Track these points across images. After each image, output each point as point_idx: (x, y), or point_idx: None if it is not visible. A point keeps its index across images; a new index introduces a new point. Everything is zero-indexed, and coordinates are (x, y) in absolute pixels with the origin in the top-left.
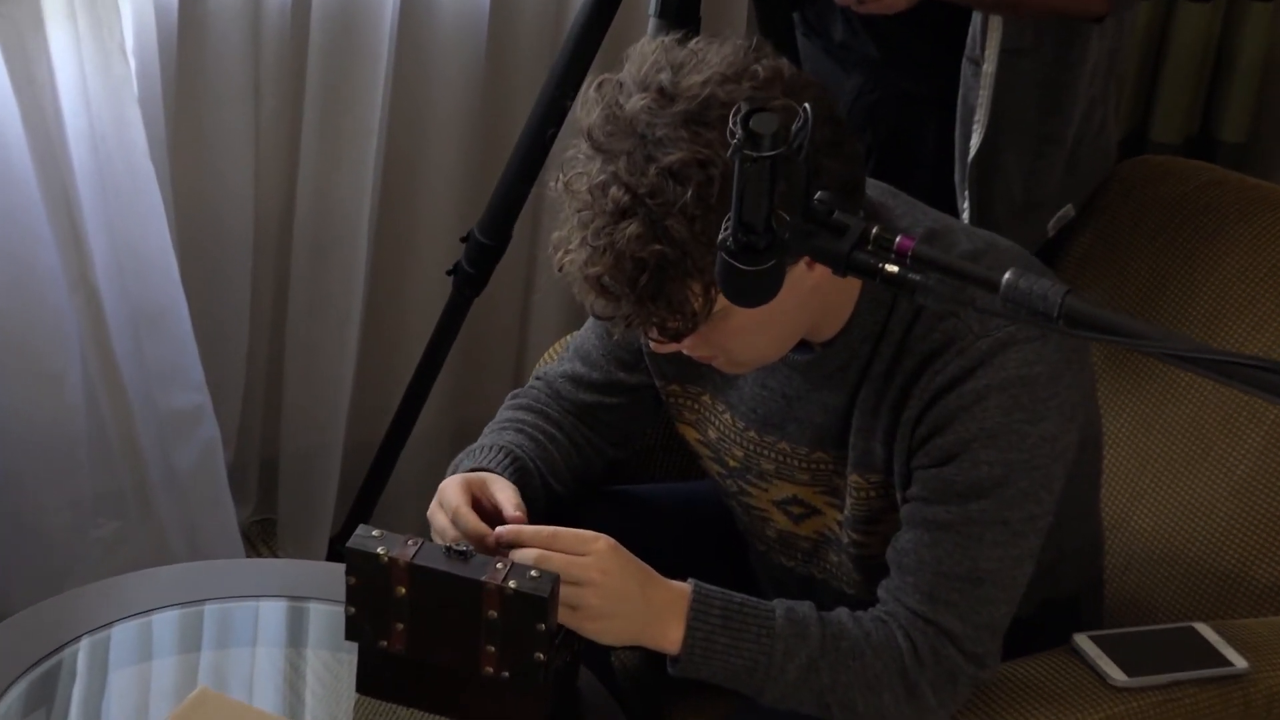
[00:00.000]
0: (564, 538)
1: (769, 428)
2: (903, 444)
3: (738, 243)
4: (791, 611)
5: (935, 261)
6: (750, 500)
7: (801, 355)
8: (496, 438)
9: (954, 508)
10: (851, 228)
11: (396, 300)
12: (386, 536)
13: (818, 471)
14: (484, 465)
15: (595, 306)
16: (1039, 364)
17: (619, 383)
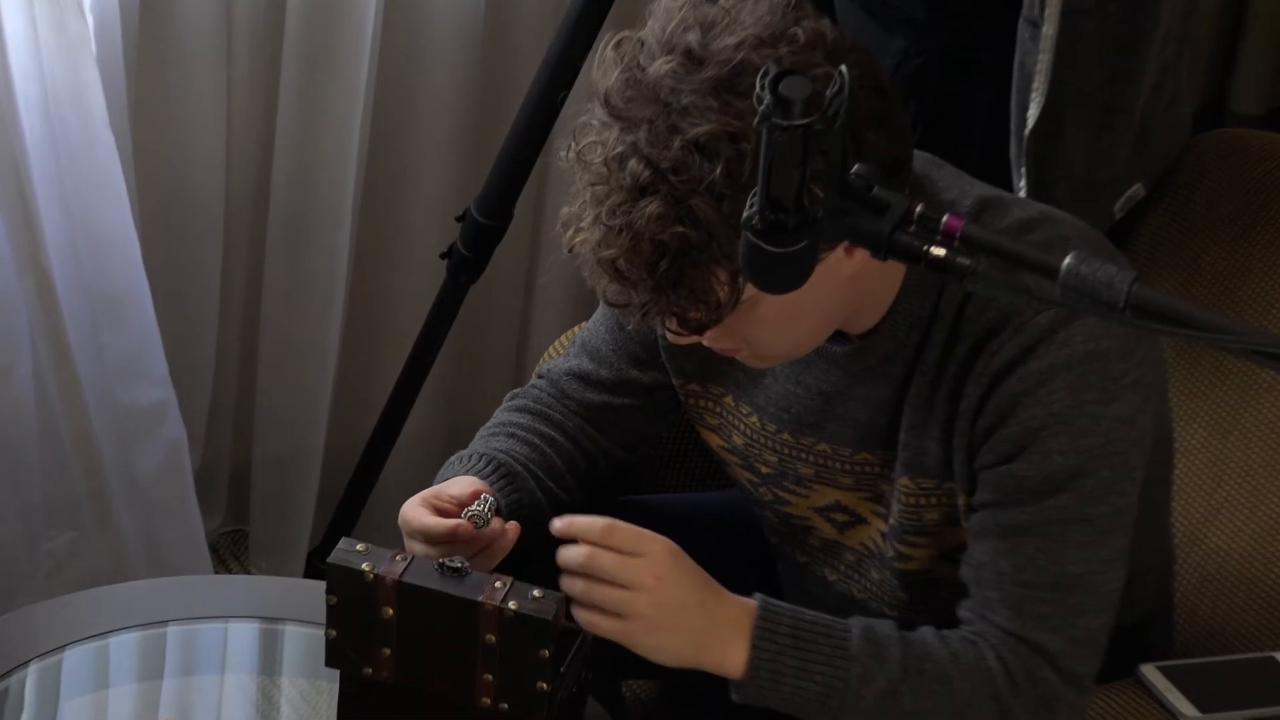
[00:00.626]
0: (621, 533)
1: (806, 428)
2: (962, 440)
3: (765, 221)
4: (869, 630)
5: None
6: (788, 509)
7: (839, 346)
8: (483, 445)
9: (1029, 508)
10: (893, 206)
11: (384, 287)
12: (372, 551)
13: (862, 475)
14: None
15: (608, 293)
16: (1107, 338)
17: (631, 381)
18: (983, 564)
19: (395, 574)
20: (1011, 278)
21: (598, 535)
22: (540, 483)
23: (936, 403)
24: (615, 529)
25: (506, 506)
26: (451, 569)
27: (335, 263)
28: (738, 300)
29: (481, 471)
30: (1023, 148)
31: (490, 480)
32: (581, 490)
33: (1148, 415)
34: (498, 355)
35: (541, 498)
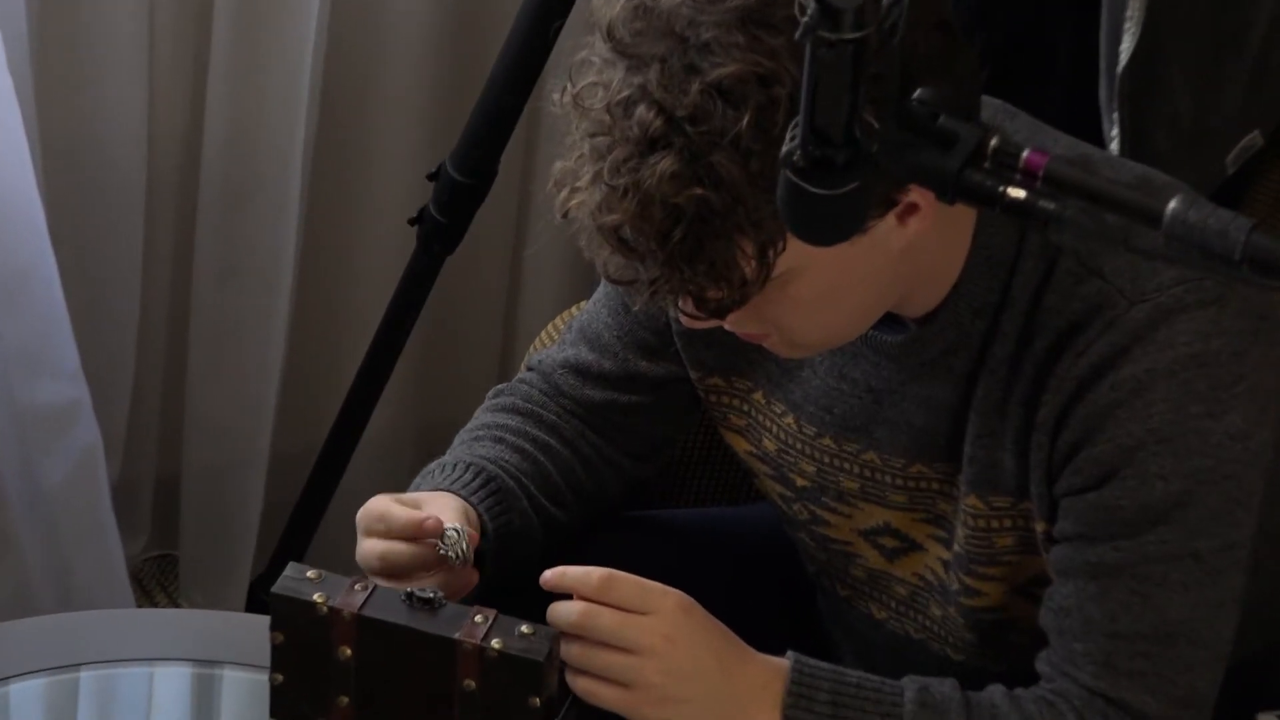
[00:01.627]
0: (622, 586)
1: (851, 433)
2: (1040, 457)
3: (808, 158)
4: (926, 693)
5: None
6: (827, 531)
7: (892, 334)
8: (466, 451)
9: (1124, 543)
10: (962, 138)
11: (341, 261)
12: (326, 579)
13: (918, 491)
14: (443, 488)
15: (610, 267)
16: (1217, 336)
17: (640, 375)
18: (1065, 609)
19: (354, 606)
20: (1105, 226)
21: (594, 589)
22: (533, 500)
23: (1009, 408)
24: (615, 581)
25: (494, 530)
26: (422, 600)
27: (281, 233)
28: (767, 277)
29: (466, 485)
30: (1115, 90)
31: (477, 497)
32: (581, 508)
33: (1266, 428)
34: (479, 343)
35: (535, 519)
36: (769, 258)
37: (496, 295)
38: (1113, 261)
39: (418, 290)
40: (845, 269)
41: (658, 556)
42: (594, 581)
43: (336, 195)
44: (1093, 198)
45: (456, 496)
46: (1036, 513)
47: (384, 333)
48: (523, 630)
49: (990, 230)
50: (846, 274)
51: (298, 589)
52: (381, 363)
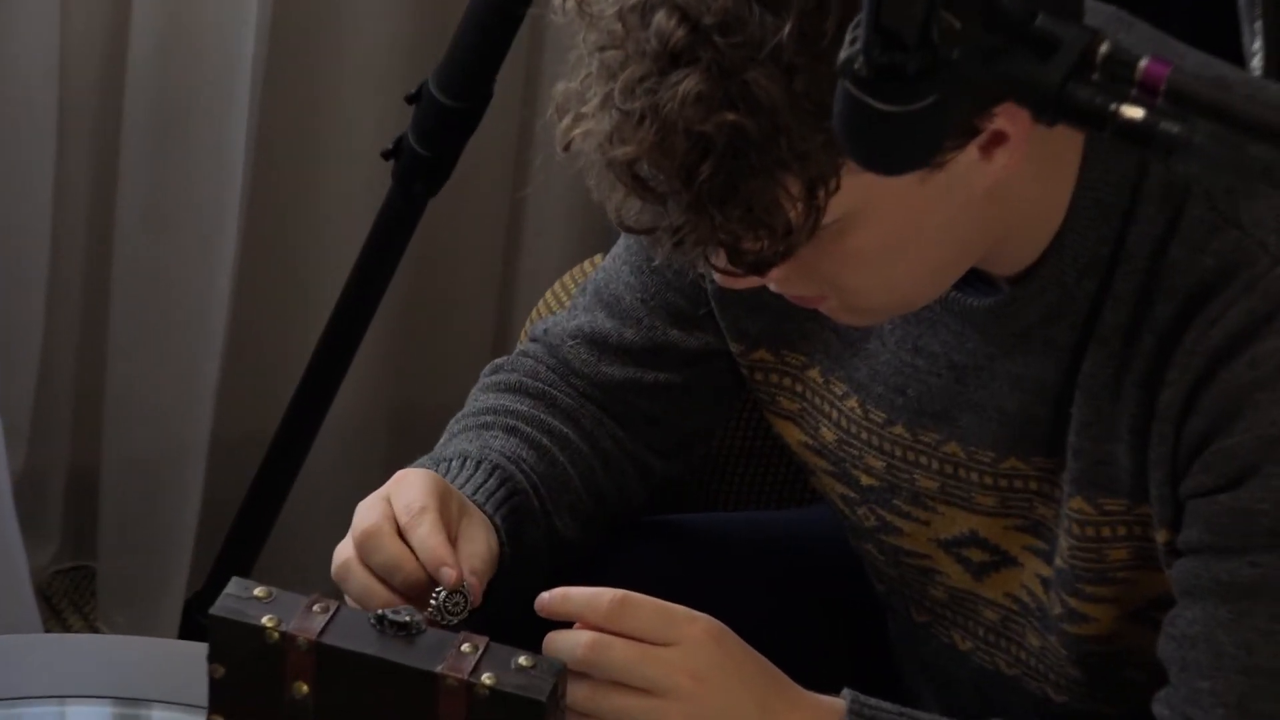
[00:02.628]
0: (640, 611)
1: (928, 419)
2: (1163, 449)
3: (873, 65)
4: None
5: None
6: (900, 541)
7: (979, 297)
8: (471, 442)
9: (1263, 558)
10: (1065, 43)
11: (299, 205)
12: (278, 598)
13: (1011, 492)
14: (466, 494)
15: (624, 212)
16: None
17: (669, 347)
18: (1190, 637)
19: (312, 631)
20: (1244, 158)
21: (605, 615)
22: (548, 516)
23: (1124, 389)
24: (631, 605)
25: (511, 554)
26: (397, 624)
27: (225, 172)
28: (817, 223)
29: (491, 495)
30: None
31: (499, 514)
32: (599, 520)
33: None
34: (469, 306)
35: (545, 541)
36: (818, 199)
37: (491, 247)
38: (1254, 207)
39: (393, 240)
40: (916, 214)
41: (688, 573)
42: (604, 606)
43: (293, 121)
44: (1228, 120)
45: (490, 528)
46: (1157, 519)
47: (352, 293)
48: (520, 662)
49: (1100, 167)
50: (918, 221)
51: (242, 610)
52: (349, 330)
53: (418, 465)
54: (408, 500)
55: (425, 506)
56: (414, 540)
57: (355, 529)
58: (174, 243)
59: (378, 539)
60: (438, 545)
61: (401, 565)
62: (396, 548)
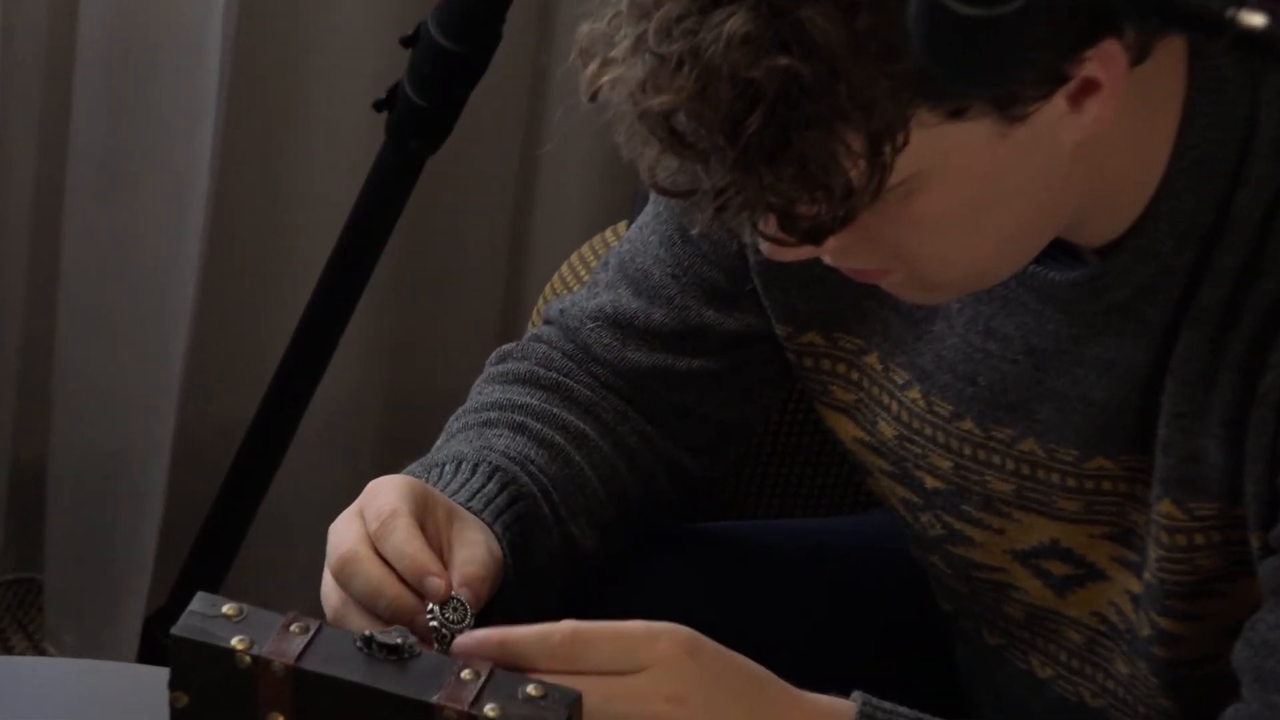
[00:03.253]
0: (594, 644)
1: (1003, 412)
2: (1263, 440)
3: None
4: None
5: None
6: (970, 552)
7: (1061, 272)
8: (470, 443)
9: None
10: None
11: (278, 163)
12: (250, 616)
13: (1098, 495)
14: (460, 501)
15: (659, 171)
16: None
17: (704, 330)
18: (1270, 644)
19: (290, 655)
20: None
21: (557, 658)
22: (562, 526)
23: (1219, 375)
24: (583, 639)
25: (516, 572)
26: (387, 647)
27: (192, 128)
28: (881, 183)
29: (492, 503)
30: None
31: (500, 523)
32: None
33: None
34: (474, 282)
35: (559, 554)
36: (884, 156)
37: (499, 214)
38: None
39: (386, 205)
40: (995, 175)
41: (724, 590)
42: (554, 646)
43: (272, 69)
44: None
45: (488, 531)
46: (1253, 521)
47: (338, 266)
48: (529, 692)
49: (1204, 121)
50: (997, 182)
51: (210, 630)
52: (334, 309)
53: (406, 473)
54: (377, 508)
55: (396, 510)
56: (387, 551)
57: (330, 556)
58: (133, 209)
59: (354, 564)
60: (416, 552)
61: (383, 590)
62: (375, 571)
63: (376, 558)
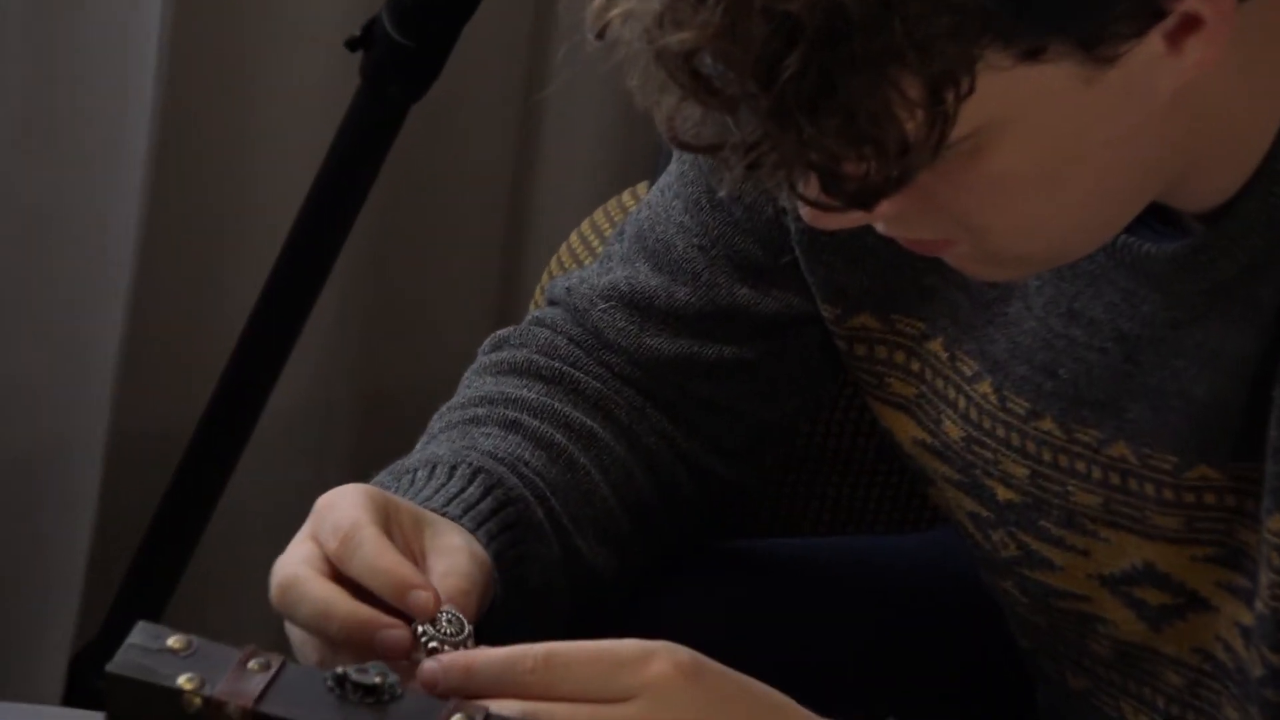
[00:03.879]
0: (575, 667)
1: (1087, 410)
2: None
3: None
4: None
5: None
6: (1050, 577)
7: (1158, 243)
8: (452, 443)
9: None
10: None
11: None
12: (200, 650)
13: (1201, 510)
14: (433, 508)
15: (680, 124)
16: None
17: (737, 311)
18: None
19: (248, 696)
20: None
21: (530, 684)
22: (564, 536)
23: None
24: (560, 662)
25: (508, 590)
26: (362, 687)
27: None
28: (943, 138)
29: (475, 509)
30: None
31: (484, 532)
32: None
33: None
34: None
35: (562, 569)
36: (945, 104)
37: (494, 175)
38: None
39: (361, 162)
40: (1079, 128)
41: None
42: (528, 670)
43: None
44: None
45: (468, 535)
46: None
47: (303, 235)
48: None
49: None
50: (1081, 137)
51: (152, 667)
52: (299, 287)
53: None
54: (333, 524)
55: (356, 521)
56: (356, 569)
57: (271, 590)
58: (58, 170)
59: (295, 588)
60: (392, 565)
61: (331, 610)
62: (319, 590)
63: (320, 576)
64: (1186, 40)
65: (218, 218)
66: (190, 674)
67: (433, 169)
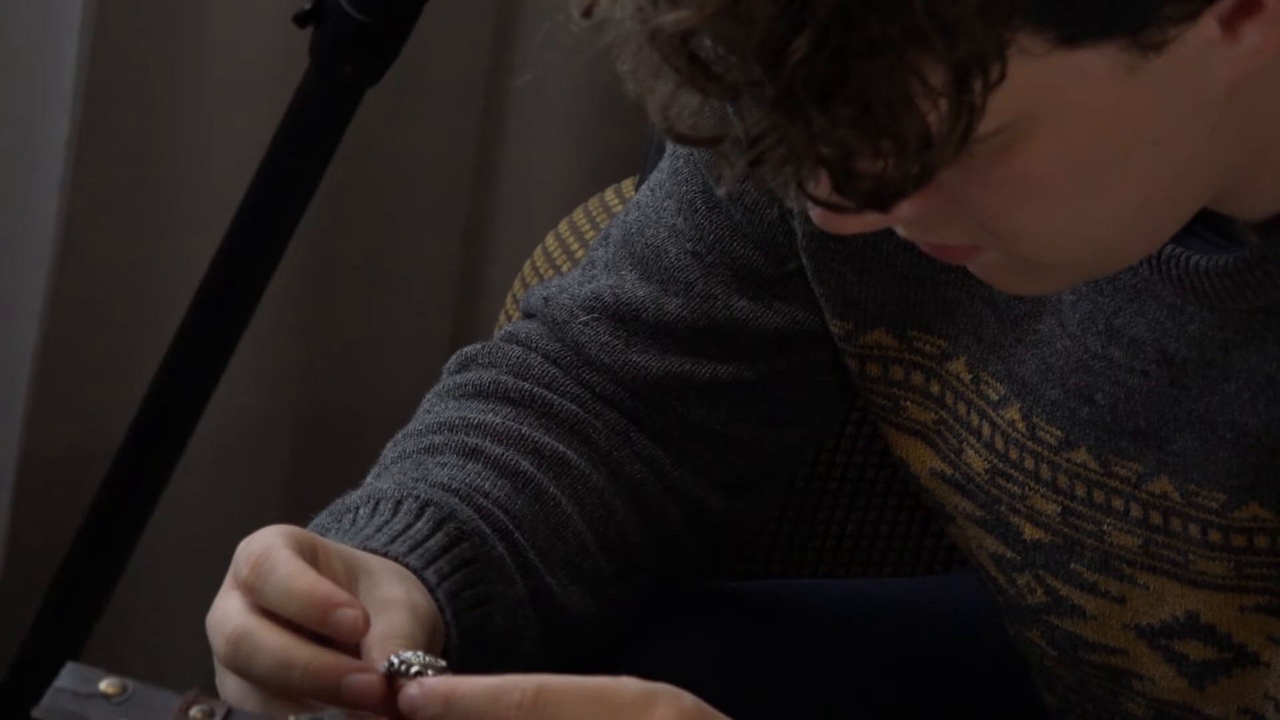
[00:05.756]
0: (570, 702)
1: (1126, 441)
2: None
3: None
4: None
5: None
6: (1082, 627)
7: (1209, 254)
8: (414, 474)
9: None
10: None
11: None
12: (135, 695)
13: (1252, 554)
14: (375, 547)
15: (676, 113)
16: None
17: (734, 325)
18: None
19: None
20: None
21: (510, 715)
22: (531, 575)
23: None
24: (552, 700)
25: (458, 636)
26: None
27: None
28: (969, 131)
29: (423, 549)
30: None
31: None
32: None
33: None
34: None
35: (530, 612)
36: (973, 93)
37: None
38: None
39: (309, 152)
40: (1121, 123)
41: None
42: (514, 705)
43: None
44: None
45: (410, 580)
46: None
47: (242, 236)
48: None
49: None
50: (1123, 133)
51: (83, 714)
52: (235, 293)
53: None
54: (244, 554)
55: (269, 546)
56: (269, 597)
57: (215, 645)
58: None
59: (246, 640)
60: (309, 585)
61: (292, 658)
62: (274, 639)
63: (270, 623)
64: (1244, 25)
65: (147, 217)
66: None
67: (387, 161)
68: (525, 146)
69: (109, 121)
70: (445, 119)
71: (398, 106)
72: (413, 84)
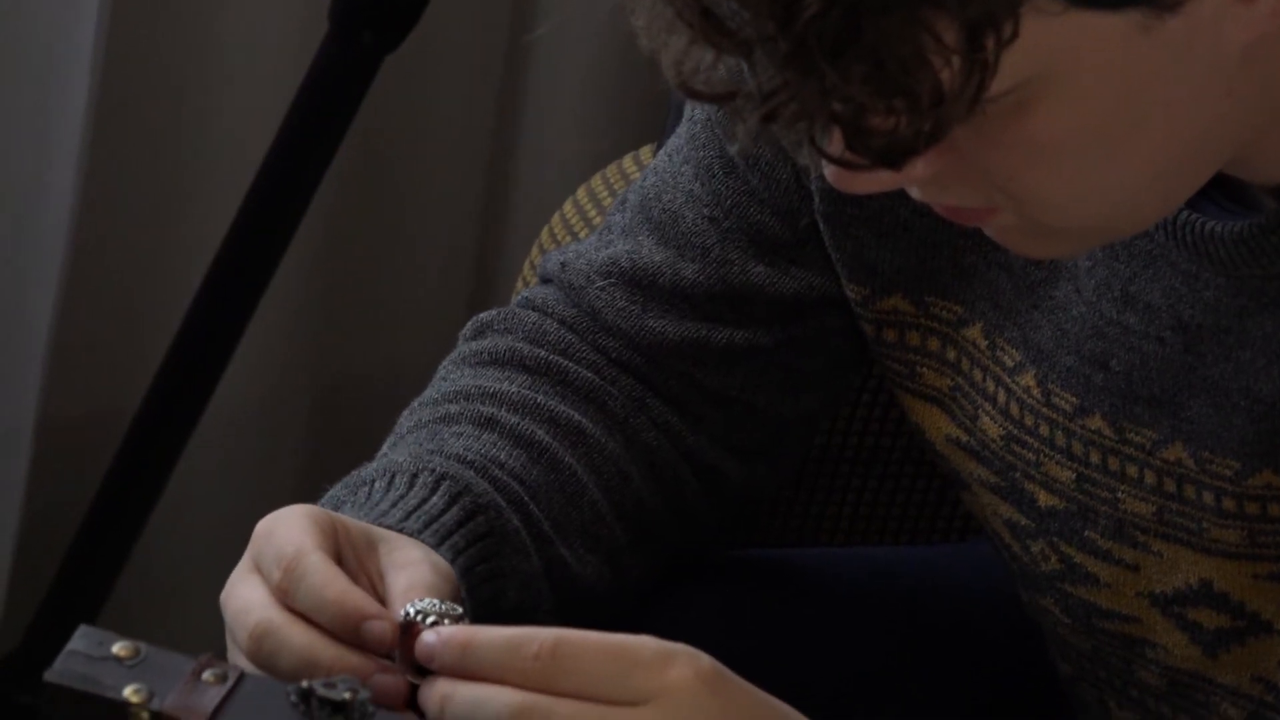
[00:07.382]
0: (585, 659)
1: (1141, 407)
2: None
3: None
4: None
5: None
6: (1095, 595)
7: (1224, 220)
8: (417, 446)
9: None
10: None
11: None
12: (148, 658)
13: (1266, 522)
14: (390, 523)
15: (689, 69)
16: None
17: (751, 291)
18: None
19: (202, 711)
20: None
21: (534, 671)
22: (546, 546)
23: None
24: (570, 652)
25: (480, 610)
26: (330, 703)
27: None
28: (981, 89)
29: (439, 524)
30: None
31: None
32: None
33: None
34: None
35: (545, 584)
36: (985, 51)
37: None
38: None
39: (328, 120)
40: (1136, 84)
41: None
42: (532, 655)
43: None
44: None
45: (432, 555)
46: None
47: (260, 203)
48: None
49: None
50: (1138, 94)
51: (96, 677)
52: (252, 260)
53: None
54: (275, 552)
55: (300, 547)
56: (302, 602)
57: (237, 634)
58: None
59: (271, 637)
60: (340, 595)
61: (317, 658)
62: (300, 638)
63: (296, 620)
64: None
65: (164, 182)
66: (138, 685)
67: (404, 130)
68: (543, 114)
69: (126, 90)
70: (463, 88)
71: (415, 75)
72: (430, 51)
